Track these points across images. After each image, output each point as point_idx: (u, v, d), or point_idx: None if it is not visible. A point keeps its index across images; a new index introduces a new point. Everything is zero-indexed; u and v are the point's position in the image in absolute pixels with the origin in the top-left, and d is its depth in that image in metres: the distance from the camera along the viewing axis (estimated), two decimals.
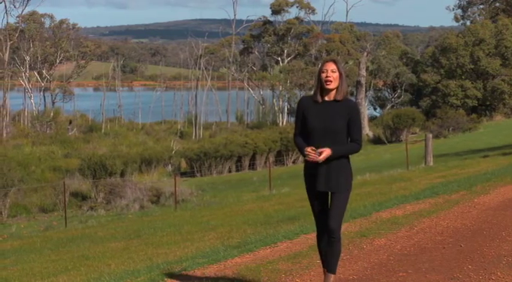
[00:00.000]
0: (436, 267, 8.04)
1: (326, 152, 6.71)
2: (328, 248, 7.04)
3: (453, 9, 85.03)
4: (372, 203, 14.47)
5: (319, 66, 6.98)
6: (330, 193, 6.97)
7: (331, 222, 6.96)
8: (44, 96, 77.45)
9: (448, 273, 7.77)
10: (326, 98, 6.92)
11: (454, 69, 69.50)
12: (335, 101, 6.88)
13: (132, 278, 8.85)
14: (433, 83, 69.99)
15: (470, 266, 8.06)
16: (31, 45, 75.13)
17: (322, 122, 6.83)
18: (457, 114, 60.35)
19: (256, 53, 78.67)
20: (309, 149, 6.75)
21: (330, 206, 6.99)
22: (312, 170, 6.93)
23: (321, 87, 6.91)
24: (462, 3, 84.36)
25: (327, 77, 6.85)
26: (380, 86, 78.66)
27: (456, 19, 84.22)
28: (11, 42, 65.85)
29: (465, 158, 31.78)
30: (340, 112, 6.84)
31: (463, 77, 69.20)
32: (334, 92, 6.88)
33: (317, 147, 6.72)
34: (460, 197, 13.93)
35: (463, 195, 14.09)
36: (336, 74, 6.86)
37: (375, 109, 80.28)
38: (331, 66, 6.88)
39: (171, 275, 8.44)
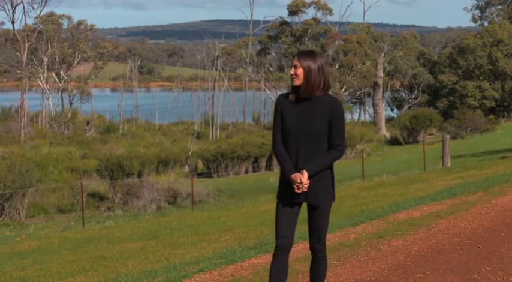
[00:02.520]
0: (454, 269, 8.01)
1: (305, 177, 5.89)
2: (314, 266, 6.37)
3: (471, 10, 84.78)
4: (389, 204, 14.43)
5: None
6: (307, 206, 6.15)
7: (315, 241, 6.27)
8: (62, 97, 77.72)
9: (466, 274, 7.74)
10: (302, 96, 6.11)
11: (472, 70, 69.23)
12: (314, 98, 6.05)
13: (150, 278, 8.87)
14: (450, 84, 69.75)
15: (488, 268, 8.03)
16: (49, 46, 75.40)
17: (300, 123, 6.02)
18: (474, 115, 60.12)
19: (273, 53, 78.64)
20: (298, 180, 5.89)
21: (309, 223, 6.21)
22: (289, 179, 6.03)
23: (293, 86, 6.17)
24: (480, 3, 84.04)
25: (291, 74, 6.13)
26: (397, 87, 78.46)
27: (474, 20, 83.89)
28: (29, 43, 66.08)
29: (483, 159, 31.65)
30: (320, 111, 6.02)
31: (480, 77, 68.92)
32: (302, 89, 6.06)
33: (296, 154, 5.99)
34: (477, 198, 13.88)
35: (481, 197, 14.03)
36: (299, 70, 6.05)
37: (392, 110, 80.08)
38: (294, 62, 6.13)
39: (188, 276, 8.44)
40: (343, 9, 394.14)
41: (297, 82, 6.05)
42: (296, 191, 5.94)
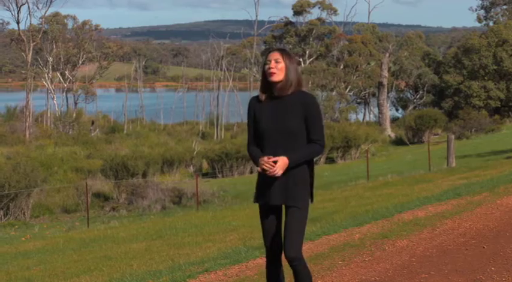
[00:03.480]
0: (459, 269, 8.00)
1: (282, 160, 5.64)
2: (294, 277, 5.96)
3: (476, 10, 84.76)
4: (394, 204, 14.43)
5: (264, 58, 6.25)
6: (285, 210, 5.88)
7: (288, 249, 5.80)
8: (67, 97, 77.83)
9: (471, 275, 7.74)
10: (276, 94, 5.89)
11: (477, 70, 69.17)
12: (286, 96, 5.84)
13: (154, 278, 8.87)
14: (455, 84, 69.70)
15: (493, 268, 8.02)
16: (54, 46, 75.53)
17: (273, 123, 5.80)
18: (479, 115, 60.03)
19: None
20: (265, 158, 5.68)
21: (285, 226, 5.85)
22: (265, 178, 5.82)
23: (266, 83, 5.93)
24: (485, 3, 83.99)
25: (269, 68, 5.85)
26: (402, 87, 78.40)
27: (479, 20, 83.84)
28: (34, 43, 66.19)
29: (488, 160, 31.62)
30: (293, 109, 5.80)
31: (485, 78, 68.86)
32: (279, 86, 5.85)
33: (274, 156, 5.72)
34: (482, 198, 13.86)
35: (486, 197, 14.02)
36: (281, 65, 5.86)
37: (397, 110, 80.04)
38: (275, 56, 5.89)
39: (193, 276, 8.45)
40: (348, 9, 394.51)
41: (276, 78, 5.84)
42: (269, 172, 5.66)
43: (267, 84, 5.93)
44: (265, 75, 5.91)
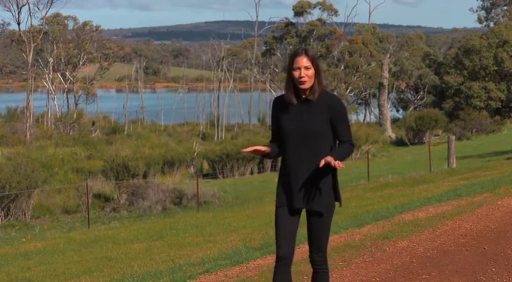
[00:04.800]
0: (460, 270, 8.00)
1: (329, 158, 5.53)
2: (314, 279, 6.06)
3: (476, 11, 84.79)
4: (395, 205, 14.42)
5: (289, 59, 5.83)
6: (307, 214, 5.82)
7: (314, 252, 5.93)
8: (67, 98, 77.86)
9: (472, 275, 7.73)
10: (303, 97, 5.76)
11: (478, 70, 69.17)
12: (313, 98, 5.73)
13: (155, 279, 8.88)
14: (456, 85, 69.70)
15: (494, 269, 8.01)
16: (54, 47, 75.53)
17: (298, 126, 5.70)
18: (480, 116, 60.02)
19: (279, 54, 78.62)
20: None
21: (309, 232, 5.86)
22: (288, 182, 5.75)
23: (294, 86, 5.76)
24: (486, 4, 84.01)
25: (300, 77, 5.68)
26: (403, 88, 78.38)
27: (479, 20, 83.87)
28: (35, 44, 66.19)
29: (488, 160, 31.62)
30: (320, 111, 5.69)
31: (486, 78, 68.87)
32: (310, 91, 5.73)
33: (298, 158, 5.68)
34: (483, 199, 13.86)
35: (487, 198, 14.01)
36: (311, 71, 5.70)
37: (397, 111, 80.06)
38: (304, 62, 5.69)
39: (193, 277, 8.45)
40: (349, 10, 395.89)
41: (307, 85, 5.70)
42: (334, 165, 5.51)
43: (295, 88, 5.77)
44: (293, 79, 5.74)
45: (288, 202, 5.76)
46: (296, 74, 5.70)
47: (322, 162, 5.53)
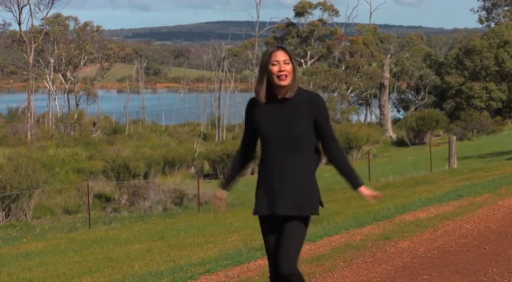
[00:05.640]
0: (461, 270, 8.00)
1: (367, 191, 5.40)
2: None
3: (477, 11, 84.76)
4: (396, 205, 14.41)
5: (264, 56, 5.43)
6: (283, 219, 5.37)
7: (284, 263, 5.28)
8: (68, 98, 77.88)
9: (473, 276, 7.73)
10: (278, 96, 5.36)
11: (478, 71, 69.16)
12: (288, 97, 5.34)
13: (156, 279, 8.88)
14: (457, 85, 69.69)
15: (495, 269, 8.01)
16: (55, 47, 75.55)
17: (280, 129, 5.29)
18: (481, 116, 60.03)
19: None
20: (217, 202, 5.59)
21: (282, 238, 5.34)
22: (268, 186, 5.39)
23: (268, 84, 5.36)
24: (486, 5, 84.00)
25: (280, 71, 5.30)
26: (403, 88, 78.39)
27: (480, 21, 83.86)
28: (36, 44, 66.21)
29: (489, 161, 31.62)
30: (301, 111, 5.30)
31: (487, 79, 68.87)
32: (287, 89, 5.33)
33: (280, 164, 5.29)
34: (484, 199, 13.85)
35: (488, 198, 14.00)
36: (290, 67, 5.34)
37: (398, 111, 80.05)
38: (283, 56, 5.33)
39: (194, 277, 8.45)
40: (350, 10, 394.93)
41: (286, 81, 5.32)
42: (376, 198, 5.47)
43: (269, 85, 5.37)
44: (268, 76, 5.34)
45: (270, 209, 5.37)
46: (275, 68, 5.31)
47: (372, 200, 5.52)
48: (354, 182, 5.46)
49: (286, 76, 5.31)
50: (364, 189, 5.42)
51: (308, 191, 5.36)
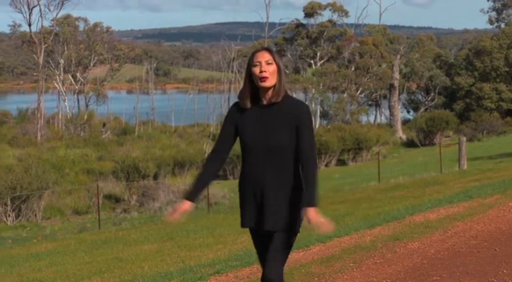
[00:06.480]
0: (471, 272, 7.98)
1: (312, 213, 4.87)
2: None
3: (487, 12, 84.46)
4: (405, 206, 14.40)
5: (249, 58, 5.19)
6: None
7: (270, 270, 5.07)
8: (78, 99, 77.97)
9: (483, 277, 7.71)
10: (264, 102, 5.12)
11: (489, 72, 69.02)
12: (274, 103, 5.08)
13: (165, 280, 8.88)
14: (467, 86, 69.56)
15: (505, 270, 7.99)
16: (65, 48, 75.68)
17: (262, 137, 5.04)
18: (491, 117, 59.97)
19: (289, 56, 78.63)
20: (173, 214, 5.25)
21: (270, 246, 5.14)
22: (254, 197, 5.15)
23: (252, 87, 5.13)
24: (497, 5, 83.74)
25: (261, 72, 5.04)
26: (413, 89, 78.29)
27: (490, 22, 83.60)
28: (46, 45, 66.33)
29: (500, 162, 31.54)
30: (285, 120, 5.02)
31: (497, 79, 68.73)
32: (270, 92, 5.07)
33: (262, 174, 5.03)
34: (494, 200, 13.82)
35: (498, 199, 13.97)
36: (273, 67, 5.05)
37: (408, 112, 79.92)
38: (265, 57, 5.07)
39: (204, 278, 8.45)
40: (359, 11, 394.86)
41: (269, 82, 5.03)
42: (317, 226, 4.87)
43: (253, 89, 5.13)
44: (251, 78, 5.12)
45: (256, 224, 5.21)
46: (256, 69, 5.07)
47: (315, 226, 4.89)
48: (307, 199, 4.97)
49: (267, 78, 5.03)
50: (311, 212, 4.90)
51: (290, 207, 5.05)
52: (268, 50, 5.14)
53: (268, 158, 5.04)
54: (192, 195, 5.30)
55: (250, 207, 5.19)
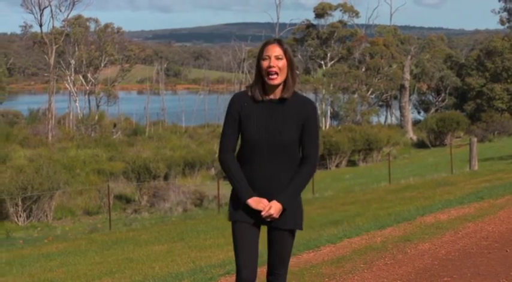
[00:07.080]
0: (482, 273, 7.96)
1: (275, 206, 4.82)
2: None
3: (499, 12, 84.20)
4: (416, 207, 14.37)
5: (259, 49, 4.98)
6: (269, 229, 5.10)
7: (273, 275, 5.26)
8: (89, 100, 78.14)
9: (494, 278, 7.69)
10: (271, 96, 4.91)
11: (500, 72, 68.82)
12: (283, 99, 4.89)
13: (176, 280, 8.89)
14: (477, 87, 69.38)
15: None
16: (76, 49, 75.84)
17: (267, 132, 4.83)
18: (502, 118, 59.80)
19: (299, 56, 78.56)
20: (265, 209, 4.83)
21: (275, 250, 5.14)
22: (256, 194, 4.96)
23: (262, 82, 4.91)
24: (508, 6, 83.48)
25: (269, 67, 4.81)
26: (424, 90, 78.10)
27: (502, 22, 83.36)
28: (57, 46, 66.52)
29: (511, 162, 31.46)
30: (292, 117, 4.85)
31: (508, 80, 68.52)
32: (280, 87, 4.88)
33: (265, 171, 4.90)
34: (505, 201, 13.78)
35: (509, 200, 13.93)
36: (283, 62, 4.83)
37: (418, 113, 79.76)
38: (275, 51, 4.84)
39: (214, 278, 8.46)
40: (370, 11, 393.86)
41: (279, 80, 4.84)
42: (263, 214, 4.86)
43: (263, 83, 4.91)
44: (262, 72, 4.89)
45: (254, 218, 4.99)
46: (265, 63, 4.84)
47: (265, 214, 4.86)
48: (285, 195, 4.88)
49: (276, 73, 4.82)
50: (277, 207, 4.86)
51: (297, 202, 4.99)
52: (279, 43, 4.90)
53: (274, 153, 4.85)
54: (251, 191, 4.96)
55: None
